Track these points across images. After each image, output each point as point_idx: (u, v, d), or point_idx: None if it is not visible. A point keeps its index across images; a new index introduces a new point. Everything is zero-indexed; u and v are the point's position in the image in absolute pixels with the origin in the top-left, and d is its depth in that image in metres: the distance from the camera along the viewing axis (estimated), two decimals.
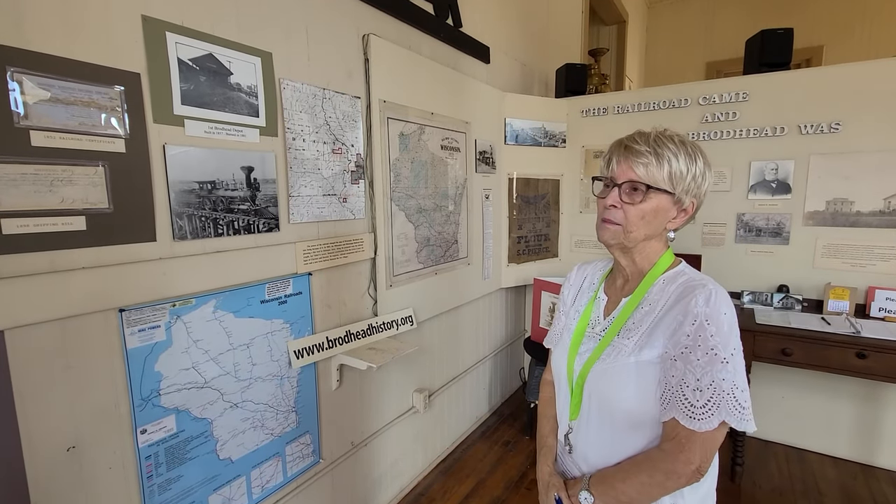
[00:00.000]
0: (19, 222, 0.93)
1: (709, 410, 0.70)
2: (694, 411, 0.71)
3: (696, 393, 0.71)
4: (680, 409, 0.72)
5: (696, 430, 0.71)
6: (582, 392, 0.87)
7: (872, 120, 2.15)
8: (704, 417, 0.70)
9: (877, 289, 2.13)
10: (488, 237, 2.61)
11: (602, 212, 0.85)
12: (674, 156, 0.80)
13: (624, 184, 0.81)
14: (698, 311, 0.74)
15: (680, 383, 0.73)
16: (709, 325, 0.73)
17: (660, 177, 0.80)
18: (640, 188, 0.81)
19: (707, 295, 0.75)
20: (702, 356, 0.72)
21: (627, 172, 0.81)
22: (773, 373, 2.47)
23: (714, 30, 5.00)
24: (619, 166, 0.82)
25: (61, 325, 1.00)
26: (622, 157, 0.82)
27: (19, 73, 0.91)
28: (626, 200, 0.81)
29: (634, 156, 0.81)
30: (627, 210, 0.81)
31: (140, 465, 1.14)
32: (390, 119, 1.83)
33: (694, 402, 0.71)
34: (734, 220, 2.48)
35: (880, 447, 2.30)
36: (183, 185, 1.19)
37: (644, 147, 0.80)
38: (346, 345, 1.69)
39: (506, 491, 2.17)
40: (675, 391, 0.73)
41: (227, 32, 1.27)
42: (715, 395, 0.71)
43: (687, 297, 0.77)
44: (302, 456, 1.59)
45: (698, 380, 0.71)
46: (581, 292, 1.00)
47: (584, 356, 0.88)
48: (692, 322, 0.74)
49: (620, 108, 2.75)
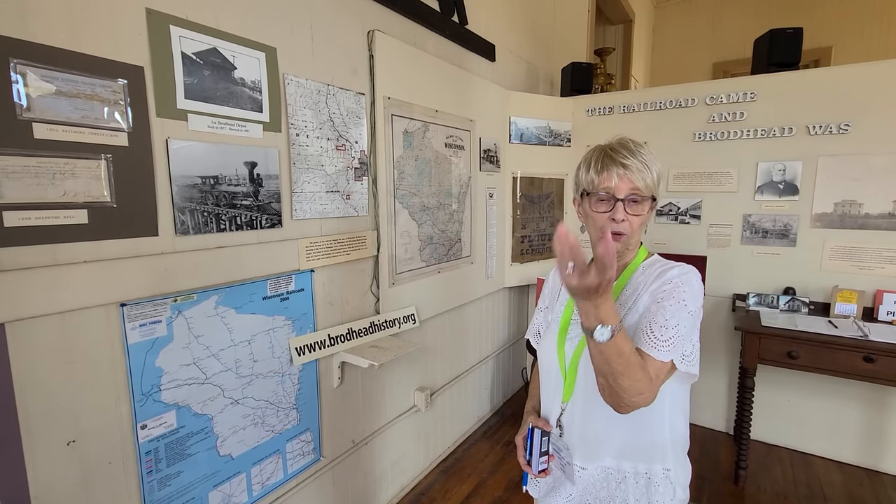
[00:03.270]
0: (21, 215, 0.93)
1: (667, 344, 0.80)
2: (656, 342, 0.80)
3: (662, 329, 0.81)
4: (645, 341, 0.81)
5: (655, 359, 0.80)
6: (576, 373, 0.91)
7: (882, 121, 2.12)
8: (664, 349, 0.80)
9: (885, 292, 2.10)
10: (492, 236, 2.59)
11: (606, 225, 0.87)
12: (652, 163, 0.88)
13: (627, 198, 0.86)
14: (674, 274, 0.85)
15: (650, 321, 0.82)
16: (682, 285, 0.84)
17: (652, 184, 0.87)
18: (642, 199, 0.87)
19: (683, 269, 0.87)
20: (673, 304, 0.82)
21: (629, 185, 0.86)
22: (778, 376, 2.45)
23: (721, 30, 4.97)
24: (622, 181, 0.86)
25: (62, 318, 0.99)
26: (623, 172, 0.86)
27: (23, 65, 0.91)
28: (632, 213, 0.87)
29: (631, 170, 0.85)
30: (633, 221, 0.87)
31: (140, 461, 1.14)
32: (394, 116, 1.82)
33: (659, 335, 0.81)
34: (740, 221, 2.46)
35: (887, 452, 2.27)
36: (185, 180, 1.18)
37: (635, 161, 0.86)
38: (347, 342, 1.68)
39: (507, 492, 2.16)
40: (645, 326, 0.82)
41: (231, 27, 1.26)
42: (675, 335, 0.81)
43: (664, 274, 0.87)
44: (302, 453, 1.59)
45: (666, 319, 0.81)
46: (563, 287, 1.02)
47: (574, 340, 0.93)
48: (669, 281, 0.85)
49: (626, 108, 2.73)
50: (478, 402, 2.74)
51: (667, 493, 0.90)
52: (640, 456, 0.89)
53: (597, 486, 0.92)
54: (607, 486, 0.91)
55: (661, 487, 0.90)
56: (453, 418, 2.50)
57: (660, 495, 0.89)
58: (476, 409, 2.73)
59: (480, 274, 2.53)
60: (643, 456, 0.89)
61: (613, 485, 0.91)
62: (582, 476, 0.93)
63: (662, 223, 2.66)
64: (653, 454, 0.89)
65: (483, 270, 2.55)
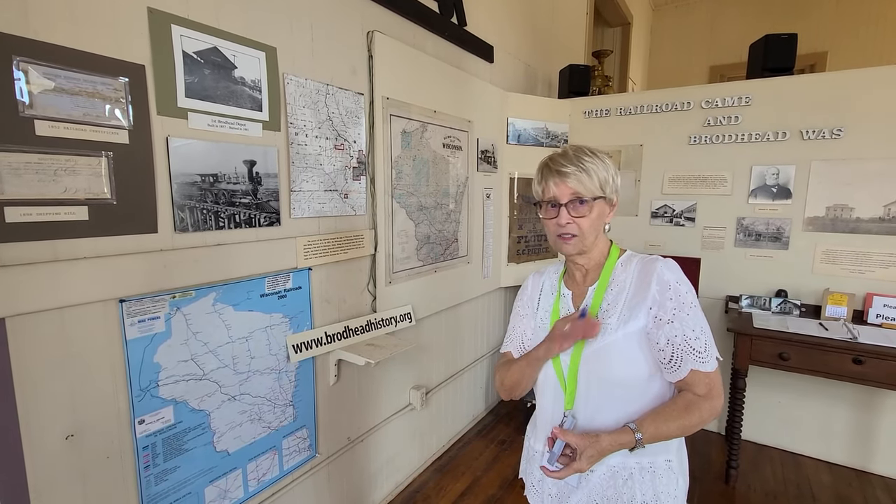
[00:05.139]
0: (22, 211, 0.93)
1: (708, 352, 0.86)
2: (701, 356, 0.85)
3: (696, 341, 0.85)
4: (694, 360, 0.85)
5: (710, 372, 0.86)
6: (576, 379, 0.93)
7: (874, 127, 2.15)
8: (709, 359, 0.86)
9: (875, 295, 2.13)
10: (488, 236, 2.61)
11: (556, 229, 0.94)
12: (595, 166, 0.92)
13: (569, 202, 0.91)
14: (668, 278, 0.88)
15: (684, 339, 0.85)
16: (679, 285, 0.88)
17: (594, 187, 0.91)
18: (586, 201, 0.91)
19: (664, 265, 0.90)
20: (689, 310, 0.87)
21: (567, 191, 0.91)
22: (769, 377, 2.48)
23: (718, 34, 5.01)
24: (559, 188, 0.91)
25: (62, 314, 1.00)
26: (559, 180, 0.91)
27: (25, 62, 0.92)
28: (576, 214, 0.91)
29: (568, 177, 0.91)
30: (580, 222, 0.92)
31: (137, 455, 1.15)
32: (393, 116, 1.83)
33: (699, 349, 0.85)
34: (734, 224, 2.48)
35: (875, 453, 2.31)
36: (185, 178, 1.19)
37: (572, 167, 0.91)
38: (344, 340, 1.69)
39: (500, 489, 2.18)
40: (683, 347, 0.85)
41: (232, 26, 1.27)
42: (706, 337, 0.87)
43: (649, 270, 0.91)
44: (298, 450, 1.60)
45: (693, 330, 0.86)
46: (543, 295, 1.08)
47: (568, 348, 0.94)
48: (668, 287, 0.88)
49: (623, 110, 2.75)
50: (473, 401, 2.76)
51: (671, 483, 0.92)
52: (645, 450, 0.90)
53: (603, 486, 0.93)
54: (614, 484, 0.92)
55: (665, 479, 0.92)
56: (448, 417, 2.51)
57: (664, 486, 0.92)
58: (471, 407, 2.75)
59: (477, 274, 2.55)
60: (648, 449, 0.90)
61: (620, 482, 0.92)
62: (590, 478, 0.94)
63: (657, 225, 2.69)
64: (656, 446, 0.91)
65: (479, 270, 2.57)
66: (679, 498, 0.94)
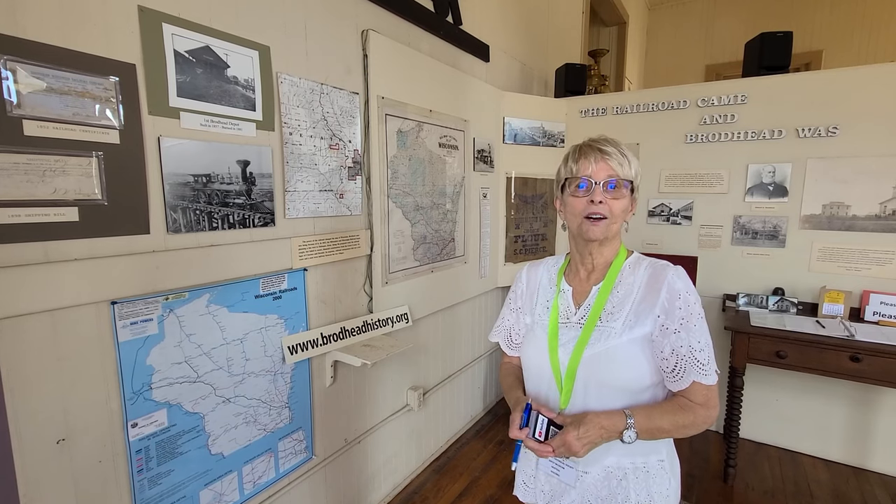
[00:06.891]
0: (11, 212, 0.92)
1: (709, 365, 0.85)
2: (704, 369, 0.85)
3: (701, 353, 0.85)
4: (697, 372, 0.85)
5: (710, 385, 0.86)
6: (573, 380, 0.91)
7: (870, 125, 2.15)
8: (710, 372, 0.85)
9: (871, 293, 2.13)
10: (485, 236, 2.60)
11: (584, 209, 0.90)
12: (632, 156, 0.92)
13: (605, 182, 0.89)
14: (679, 287, 0.87)
15: (689, 350, 0.85)
16: (689, 296, 0.87)
17: (630, 173, 0.91)
18: (620, 183, 0.90)
19: (675, 273, 0.89)
20: (697, 322, 0.86)
21: (607, 170, 0.89)
22: (766, 375, 2.48)
23: (714, 33, 5.01)
24: (598, 164, 0.90)
25: (52, 316, 0.99)
26: (599, 157, 0.90)
27: (13, 61, 0.90)
28: (611, 196, 0.89)
29: (609, 156, 0.90)
30: (612, 204, 0.90)
31: (130, 459, 1.14)
32: (388, 116, 1.82)
33: (703, 361, 0.85)
34: (731, 222, 2.48)
35: (873, 450, 2.31)
36: (178, 178, 1.18)
37: (613, 149, 0.90)
38: (340, 341, 1.68)
39: (499, 490, 2.17)
40: (688, 358, 0.85)
41: (224, 25, 1.26)
42: (709, 350, 0.86)
43: (659, 276, 0.89)
44: (295, 452, 1.59)
45: (699, 342, 0.85)
46: (541, 288, 1.05)
47: (568, 346, 0.93)
48: (678, 297, 0.86)
49: (619, 109, 2.75)
50: (470, 402, 2.75)
51: (664, 483, 0.92)
52: (639, 450, 0.91)
53: (598, 486, 0.93)
54: (608, 484, 0.92)
55: (658, 479, 0.92)
56: (446, 417, 2.50)
57: (658, 486, 0.92)
58: (468, 408, 2.74)
59: (474, 273, 2.54)
60: (641, 449, 0.91)
61: (614, 482, 0.92)
62: (584, 479, 0.93)
63: (654, 224, 2.68)
64: (649, 446, 0.91)
65: (476, 270, 2.56)
66: (671, 498, 0.94)
